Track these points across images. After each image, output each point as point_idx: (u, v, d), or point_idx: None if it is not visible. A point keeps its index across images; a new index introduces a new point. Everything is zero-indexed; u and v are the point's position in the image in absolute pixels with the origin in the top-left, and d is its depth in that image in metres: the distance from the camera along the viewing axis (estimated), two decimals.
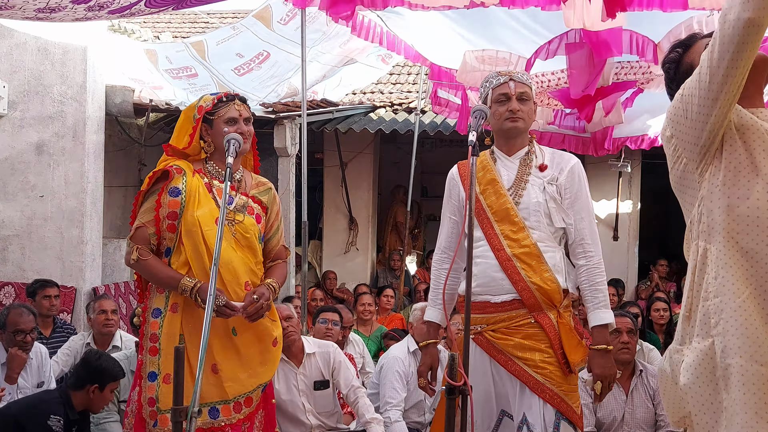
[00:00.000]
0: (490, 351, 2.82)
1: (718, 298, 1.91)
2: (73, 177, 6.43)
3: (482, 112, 2.63)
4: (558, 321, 2.81)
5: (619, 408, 4.20)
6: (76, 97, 6.45)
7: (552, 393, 2.74)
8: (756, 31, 1.83)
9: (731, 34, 1.84)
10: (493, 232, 2.85)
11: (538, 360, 2.76)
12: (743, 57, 1.86)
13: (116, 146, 7.85)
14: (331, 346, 4.38)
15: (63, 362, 4.79)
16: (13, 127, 6.47)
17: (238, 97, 2.96)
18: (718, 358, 1.88)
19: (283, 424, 4.24)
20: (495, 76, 2.94)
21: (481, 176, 2.92)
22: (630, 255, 9.84)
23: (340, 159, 9.97)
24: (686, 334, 2.02)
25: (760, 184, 1.90)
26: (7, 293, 6.31)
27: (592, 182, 10.51)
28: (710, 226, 1.97)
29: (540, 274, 2.79)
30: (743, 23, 1.82)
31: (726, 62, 1.87)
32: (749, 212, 1.91)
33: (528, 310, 2.79)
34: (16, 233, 6.46)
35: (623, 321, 4.28)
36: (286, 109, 7.53)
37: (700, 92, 1.94)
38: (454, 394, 2.24)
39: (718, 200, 1.95)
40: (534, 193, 2.85)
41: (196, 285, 2.79)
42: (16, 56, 6.46)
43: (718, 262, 1.93)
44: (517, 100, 2.86)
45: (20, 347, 4.19)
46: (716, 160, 1.98)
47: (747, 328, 1.85)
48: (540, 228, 2.84)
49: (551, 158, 2.95)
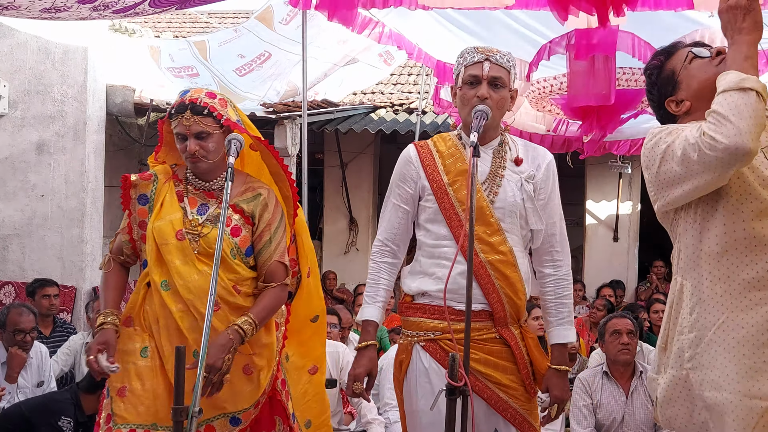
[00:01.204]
0: (443, 362, 2.44)
1: (692, 333, 1.94)
2: (73, 176, 6.43)
3: (483, 112, 2.41)
4: (524, 335, 2.57)
5: (619, 409, 4.20)
6: (76, 96, 6.44)
7: (515, 412, 2.50)
8: (748, 161, 1.83)
9: (722, 158, 1.81)
10: (463, 232, 2.44)
11: (502, 378, 2.49)
12: (723, 178, 1.86)
13: (117, 146, 7.86)
14: (340, 346, 4.46)
15: (63, 362, 4.79)
16: (14, 127, 6.47)
17: (191, 107, 2.59)
18: (696, 392, 1.93)
19: None
20: (470, 52, 2.54)
21: (450, 164, 2.56)
22: (630, 256, 9.85)
23: (340, 159, 9.97)
24: (662, 364, 2.07)
25: (727, 207, 1.92)
26: (7, 292, 6.31)
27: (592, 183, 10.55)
28: (686, 263, 2.01)
29: (513, 286, 2.49)
30: (743, 154, 1.79)
31: (702, 178, 1.86)
32: (717, 232, 1.93)
33: (494, 323, 2.50)
34: (17, 233, 6.46)
35: (623, 322, 4.28)
36: (287, 110, 7.53)
37: (668, 175, 1.95)
38: (455, 395, 2.19)
39: (691, 236, 1.99)
40: (511, 190, 2.52)
41: (100, 325, 2.57)
42: (16, 56, 6.46)
43: (692, 297, 1.97)
44: (488, 85, 2.47)
45: (20, 347, 4.19)
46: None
47: (721, 360, 1.89)
48: (514, 231, 2.52)
49: (525, 151, 2.62)
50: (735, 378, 1.86)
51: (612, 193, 9.78)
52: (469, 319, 2.21)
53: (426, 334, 2.52)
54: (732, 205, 1.92)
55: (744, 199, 1.92)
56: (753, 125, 1.79)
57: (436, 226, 2.54)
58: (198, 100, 2.61)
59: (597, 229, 9.96)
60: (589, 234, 9.99)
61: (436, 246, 2.53)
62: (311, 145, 7.23)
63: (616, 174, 9.48)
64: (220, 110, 2.64)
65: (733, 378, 1.86)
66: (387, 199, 2.67)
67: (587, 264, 9.91)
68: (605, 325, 4.34)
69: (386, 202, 2.67)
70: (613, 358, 4.25)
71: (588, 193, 9.97)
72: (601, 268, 9.67)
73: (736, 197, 1.92)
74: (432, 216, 2.55)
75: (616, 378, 4.26)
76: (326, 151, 10.09)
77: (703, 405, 1.92)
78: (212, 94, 2.68)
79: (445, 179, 2.54)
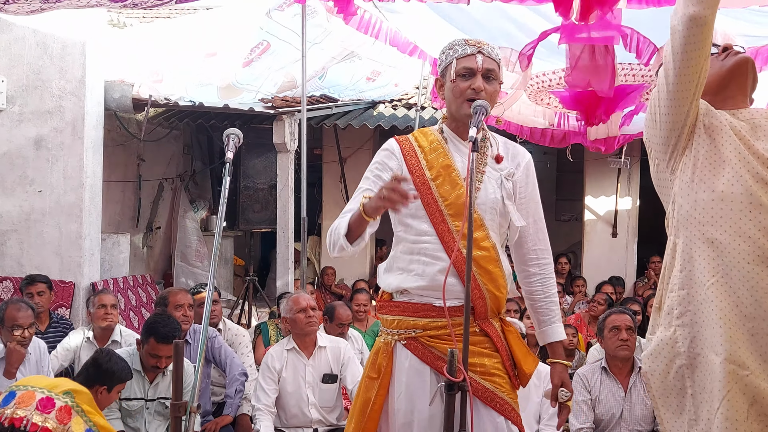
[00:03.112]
0: (426, 358, 2.44)
1: (684, 290, 1.99)
2: (71, 172, 6.42)
3: (483, 107, 2.35)
4: (504, 329, 2.54)
5: (617, 405, 4.20)
6: (74, 91, 6.43)
7: (503, 402, 2.45)
8: (700, 28, 1.88)
9: (678, 33, 1.90)
10: (446, 228, 2.44)
11: (488, 365, 2.45)
12: (693, 55, 1.91)
13: (115, 141, 7.85)
14: (342, 342, 4.49)
15: (62, 357, 4.79)
16: (12, 122, 6.45)
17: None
18: (680, 347, 1.96)
19: (283, 415, 4.27)
20: (461, 44, 2.51)
21: (433, 158, 2.53)
22: (629, 252, 9.85)
23: (339, 155, 9.96)
24: (655, 324, 2.12)
25: (725, 176, 1.97)
26: (6, 288, 6.31)
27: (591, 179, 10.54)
28: (679, 221, 2.06)
29: (496, 281, 2.48)
30: (687, 19, 1.87)
31: (677, 62, 1.93)
32: (713, 204, 1.97)
33: (474, 317, 2.47)
34: (15, 228, 6.45)
35: (622, 318, 4.28)
36: (286, 105, 7.52)
37: (660, 94, 2.02)
38: (453, 390, 2.18)
39: (687, 195, 2.03)
40: (491, 188, 2.51)
41: None
42: (15, 50, 6.44)
43: (683, 255, 2.02)
44: (482, 78, 2.46)
45: (18, 342, 4.19)
46: (685, 157, 2.06)
47: (712, 319, 1.92)
48: (493, 228, 2.51)
49: (505, 149, 2.61)
50: (720, 341, 1.89)
51: (611, 188, 9.78)
52: (467, 315, 2.20)
53: (407, 332, 2.49)
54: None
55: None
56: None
57: (417, 221, 2.50)
58: (23, 424, 2.10)
59: (596, 225, 9.96)
60: (587, 230, 9.99)
61: (417, 242, 2.50)
62: (310, 141, 7.23)
63: (615, 170, 9.48)
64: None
65: (719, 341, 1.89)
66: (359, 188, 2.55)
67: (586, 260, 9.91)
68: (604, 320, 4.34)
69: (357, 192, 2.54)
70: (612, 354, 4.25)
71: (587, 188, 9.97)
72: (600, 264, 9.68)
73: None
74: (413, 211, 2.49)
75: (614, 374, 4.26)
76: (325, 146, 10.08)
77: (684, 363, 1.96)
78: (47, 406, 2.18)
79: (428, 174, 2.51)
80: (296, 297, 4.36)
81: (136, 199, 8.65)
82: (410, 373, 2.48)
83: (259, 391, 4.22)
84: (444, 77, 2.56)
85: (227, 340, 5.02)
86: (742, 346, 1.88)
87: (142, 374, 4.06)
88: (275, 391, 4.22)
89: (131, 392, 4.01)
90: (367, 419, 2.52)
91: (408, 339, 2.49)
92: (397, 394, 2.50)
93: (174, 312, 4.57)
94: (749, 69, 2.11)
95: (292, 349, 4.29)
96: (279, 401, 4.26)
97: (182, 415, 2.17)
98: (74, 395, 2.29)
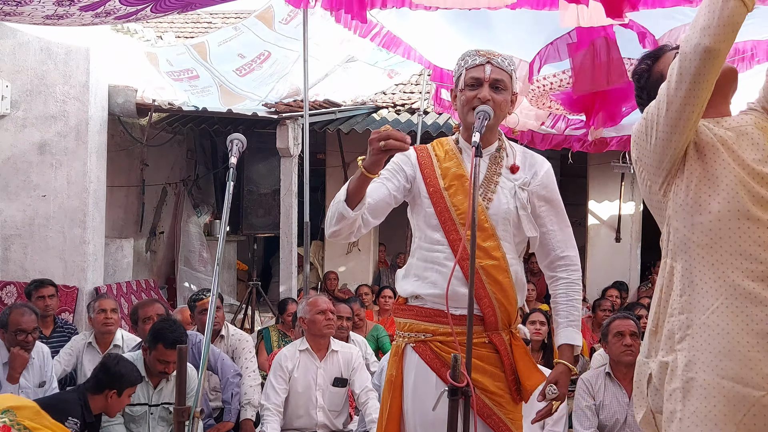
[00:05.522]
0: (433, 364, 2.48)
1: (683, 315, 1.96)
2: (75, 177, 6.44)
3: (485, 112, 2.40)
4: (512, 342, 2.55)
5: (621, 410, 4.19)
6: (78, 96, 6.45)
7: (498, 420, 2.48)
8: (713, 60, 1.85)
9: (690, 62, 1.87)
10: (457, 237, 2.47)
11: (489, 384, 2.48)
12: (701, 87, 1.89)
13: (119, 146, 7.86)
14: (354, 348, 4.52)
15: (65, 362, 4.79)
16: (16, 127, 6.47)
17: None
18: (679, 371, 1.94)
19: (288, 416, 4.26)
20: (472, 54, 2.54)
21: (447, 168, 2.56)
22: (632, 257, 9.84)
23: (342, 159, 9.97)
24: (652, 348, 2.09)
25: (720, 194, 1.95)
26: (9, 293, 6.32)
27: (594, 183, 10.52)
28: (676, 245, 2.03)
29: (505, 291, 2.50)
30: (702, 50, 1.84)
31: (683, 91, 1.90)
32: (711, 225, 1.95)
33: (484, 328, 2.50)
34: (19, 233, 6.46)
35: (626, 323, 4.27)
36: (289, 110, 7.53)
37: (659, 119, 1.99)
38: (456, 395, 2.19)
39: (683, 219, 2.00)
40: (504, 198, 2.53)
41: None
42: (19, 56, 6.47)
43: (683, 279, 1.99)
44: (489, 87, 2.48)
45: (22, 347, 4.19)
46: (678, 179, 2.04)
47: (714, 344, 1.90)
48: (506, 238, 2.53)
49: (523, 159, 2.62)
50: (729, 365, 1.86)
51: (614, 193, 9.77)
52: (471, 322, 2.22)
53: (417, 336, 2.54)
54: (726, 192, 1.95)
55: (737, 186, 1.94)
56: (707, 26, 1.83)
57: (431, 230, 2.55)
58: None
59: (599, 230, 9.96)
60: (591, 234, 9.98)
61: (430, 250, 2.54)
62: (313, 145, 7.23)
63: (618, 174, 9.47)
64: None
65: (728, 365, 1.87)
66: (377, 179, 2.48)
67: (589, 265, 9.89)
68: (608, 326, 4.33)
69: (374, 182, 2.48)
70: (616, 359, 4.24)
71: (590, 193, 9.96)
72: (604, 269, 9.66)
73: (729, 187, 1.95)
74: (429, 220, 2.56)
75: (618, 379, 4.25)
76: (328, 151, 10.09)
77: (677, 386, 1.93)
78: None
79: (441, 183, 2.54)
80: (315, 299, 4.39)
81: (139, 204, 8.66)
82: (418, 376, 2.52)
83: (269, 390, 4.21)
84: (457, 87, 2.60)
85: (231, 346, 5.02)
86: (758, 365, 1.85)
87: (146, 379, 4.06)
88: (285, 391, 4.22)
89: (135, 397, 4.01)
90: (387, 421, 2.58)
91: (417, 342, 2.53)
92: (406, 395, 2.54)
93: (143, 326, 4.55)
94: (735, 78, 2.11)
95: (306, 350, 4.30)
96: (286, 401, 4.25)
97: (186, 420, 2.16)
98: (15, 412, 2.29)
